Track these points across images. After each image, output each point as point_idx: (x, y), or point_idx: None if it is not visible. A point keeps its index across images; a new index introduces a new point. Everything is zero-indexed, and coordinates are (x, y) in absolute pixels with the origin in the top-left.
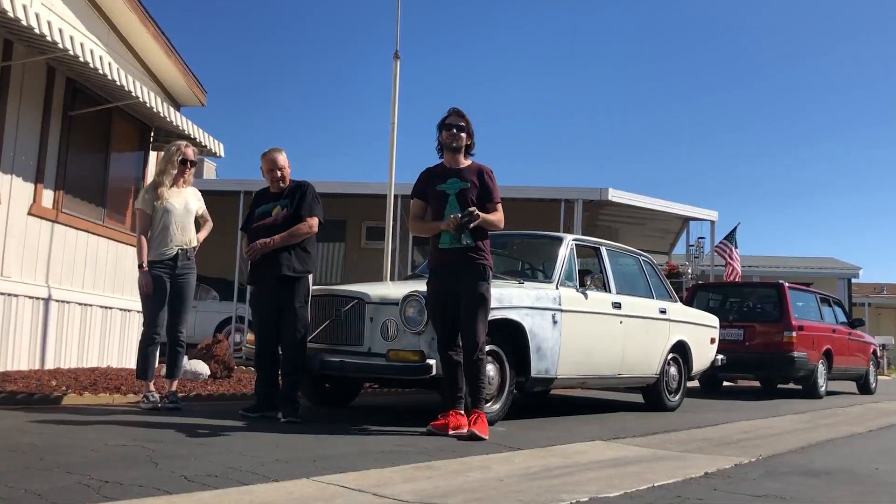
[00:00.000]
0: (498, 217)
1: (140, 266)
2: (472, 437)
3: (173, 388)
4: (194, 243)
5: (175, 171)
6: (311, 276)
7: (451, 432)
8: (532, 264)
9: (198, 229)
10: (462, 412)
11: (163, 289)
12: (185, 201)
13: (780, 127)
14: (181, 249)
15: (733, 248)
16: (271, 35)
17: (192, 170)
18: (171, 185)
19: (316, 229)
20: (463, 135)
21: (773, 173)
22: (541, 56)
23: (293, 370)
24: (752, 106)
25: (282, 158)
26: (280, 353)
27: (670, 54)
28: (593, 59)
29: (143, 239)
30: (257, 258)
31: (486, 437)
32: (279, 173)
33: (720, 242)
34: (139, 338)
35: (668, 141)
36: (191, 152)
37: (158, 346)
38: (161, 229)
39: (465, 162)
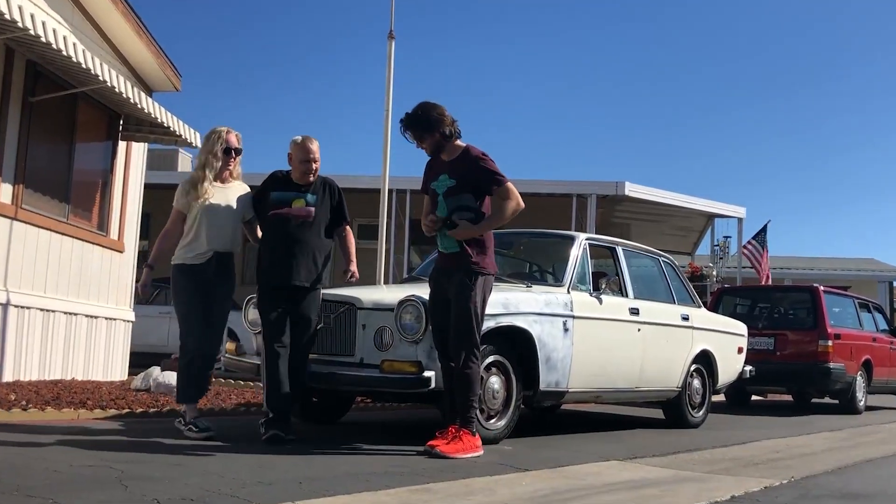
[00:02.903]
0: (505, 206)
1: (147, 265)
2: (433, 455)
3: (197, 413)
4: (233, 248)
5: (219, 164)
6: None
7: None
8: (541, 266)
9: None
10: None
11: (192, 297)
12: (228, 199)
13: (813, 124)
14: (216, 254)
15: (762, 251)
16: (253, 14)
17: (238, 159)
18: (215, 180)
19: None
20: (424, 145)
21: (806, 168)
22: (554, 42)
23: (297, 384)
24: (783, 101)
25: (318, 149)
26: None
27: (696, 46)
28: (612, 47)
29: (161, 238)
30: (274, 262)
31: (453, 457)
32: (315, 165)
33: (748, 242)
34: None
35: (692, 136)
36: (234, 139)
37: (198, 361)
38: (195, 230)
39: (457, 150)
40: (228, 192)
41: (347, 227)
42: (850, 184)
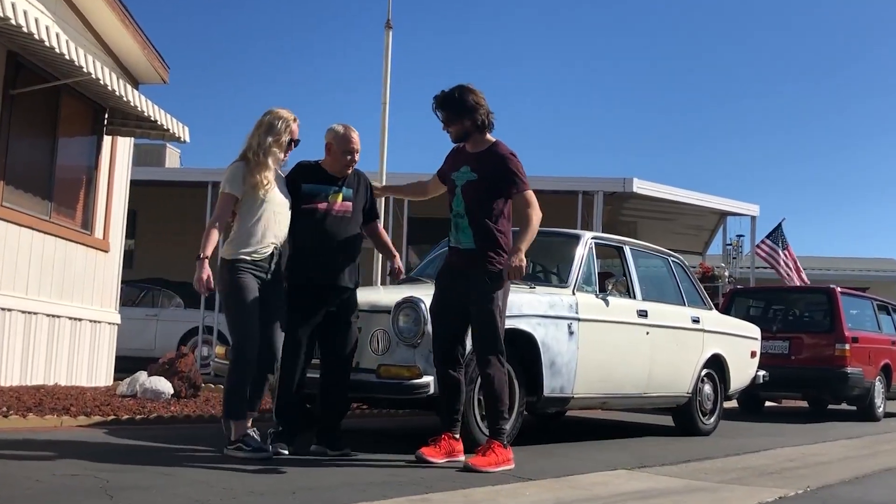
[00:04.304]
0: (532, 217)
1: (199, 257)
2: (466, 469)
3: (249, 426)
4: (284, 243)
5: (283, 156)
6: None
7: (442, 460)
8: (545, 266)
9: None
10: (457, 436)
11: (255, 297)
12: (283, 189)
13: (831, 120)
14: (276, 249)
15: (781, 250)
16: (243, 4)
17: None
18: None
19: None
20: (451, 128)
21: (821, 163)
22: (563, 31)
23: (346, 393)
24: (801, 99)
25: (359, 139)
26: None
27: (712, 42)
28: (623, 37)
29: (215, 230)
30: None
31: (488, 471)
32: (357, 157)
33: (762, 242)
34: (229, 363)
35: (703, 130)
36: (296, 128)
37: (254, 371)
38: (256, 221)
39: (487, 142)
40: (281, 182)
41: (379, 223)
42: (869, 179)
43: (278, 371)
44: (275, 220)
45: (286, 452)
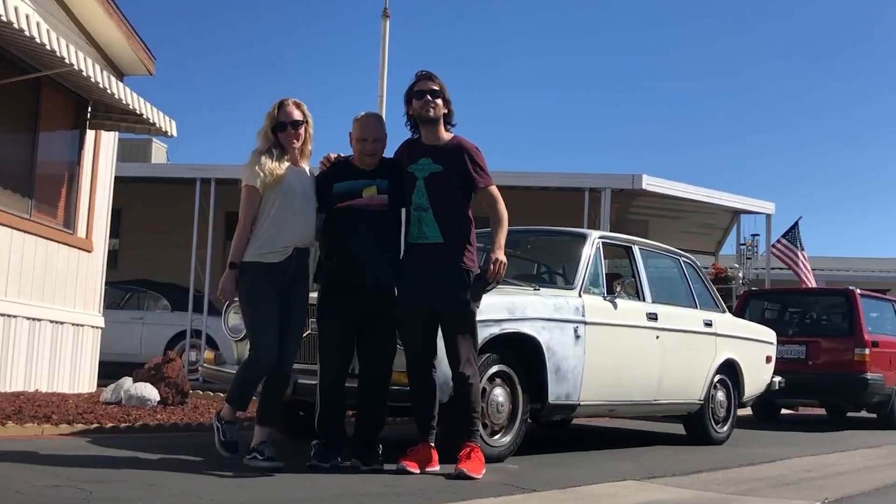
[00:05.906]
0: (503, 212)
1: (231, 264)
2: (461, 477)
3: (264, 439)
4: (310, 243)
5: (267, 145)
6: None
7: (427, 469)
8: (550, 267)
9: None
10: (433, 444)
11: (269, 300)
12: (304, 184)
13: (847, 113)
14: (297, 250)
15: (798, 251)
16: None
17: (302, 136)
18: (281, 160)
19: None
20: (438, 101)
21: (840, 161)
22: (569, 22)
23: (381, 405)
24: (816, 92)
25: (379, 127)
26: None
27: (723, 32)
28: (631, 29)
29: (242, 229)
30: (340, 260)
31: (478, 477)
32: (370, 146)
33: (778, 241)
34: (245, 360)
35: (714, 123)
36: (293, 108)
37: (264, 377)
38: (271, 221)
39: (446, 136)
40: (303, 176)
41: None
42: (889, 176)
43: (291, 383)
44: (293, 218)
45: (326, 465)
